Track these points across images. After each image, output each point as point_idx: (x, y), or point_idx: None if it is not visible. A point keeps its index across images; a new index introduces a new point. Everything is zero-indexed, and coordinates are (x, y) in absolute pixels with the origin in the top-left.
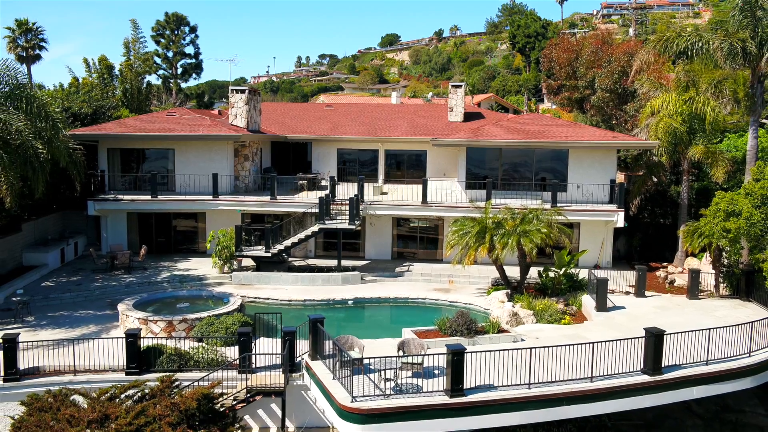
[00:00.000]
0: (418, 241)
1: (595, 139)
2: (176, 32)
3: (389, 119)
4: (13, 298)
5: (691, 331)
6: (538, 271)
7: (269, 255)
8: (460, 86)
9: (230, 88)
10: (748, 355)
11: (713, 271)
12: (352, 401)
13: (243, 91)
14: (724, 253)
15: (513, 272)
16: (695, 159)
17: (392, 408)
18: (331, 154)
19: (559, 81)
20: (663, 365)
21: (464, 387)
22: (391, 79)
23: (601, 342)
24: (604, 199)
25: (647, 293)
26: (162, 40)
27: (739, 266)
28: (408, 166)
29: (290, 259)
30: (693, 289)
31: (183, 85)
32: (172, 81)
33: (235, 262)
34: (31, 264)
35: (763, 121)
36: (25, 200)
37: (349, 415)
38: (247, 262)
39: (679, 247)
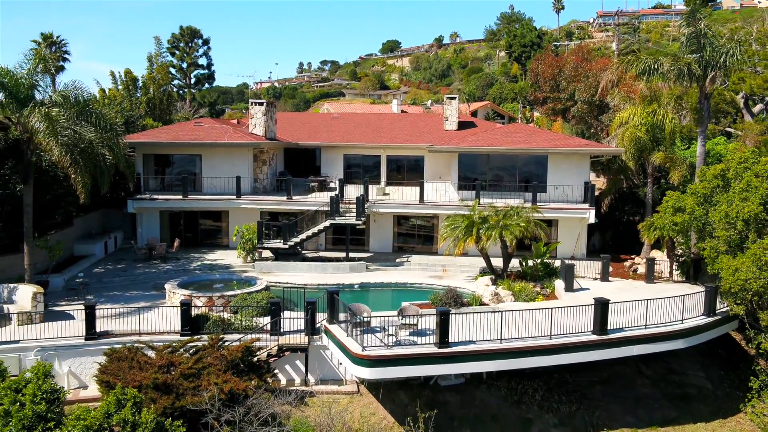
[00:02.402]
0: (416, 237)
1: (570, 147)
2: (190, 44)
3: (390, 128)
4: (76, 280)
5: (633, 301)
6: (519, 261)
7: (286, 247)
8: (455, 98)
9: (250, 101)
10: (680, 322)
11: (667, 260)
12: (362, 350)
13: (262, 104)
14: (676, 244)
15: (498, 262)
16: (657, 164)
17: (393, 356)
18: (338, 159)
19: (544, 93)
20: (609, 328)
21: (449, 341)
22: (392, 85)
23: (558, 308)
24: (579, 199)
25: (611, 279)
26: (177, 52)
27: (690, 255)
28: (407, 170)
29: (303, 251)
30: (649, 275)
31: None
32: (185, 90)
33: (256, 253)
34: (80, 254)
35: (728, 129)
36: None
37: (360, 360)
38: (266, 254)
39: (645, 240)
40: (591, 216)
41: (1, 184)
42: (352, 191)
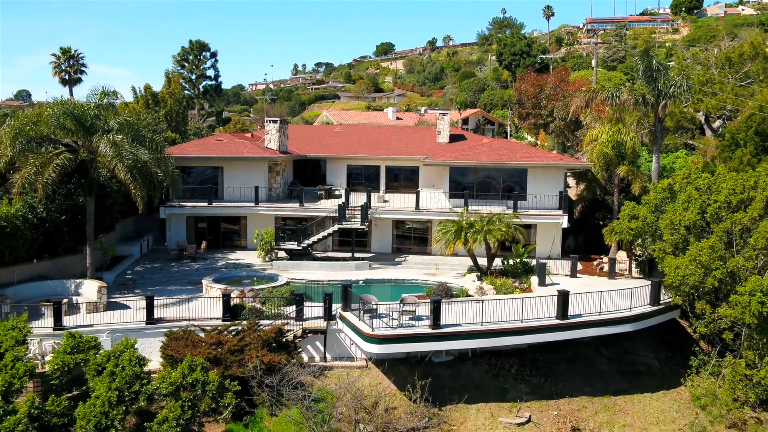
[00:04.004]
0: (412, 239)
1: (546, 161)
2: (199, 57)
3: (389, 140)
4: (126, 276)
5: (590, 292)
6: (501, 260)
7: (300, 248)
8: (447, 113)
9: (266, 119)
10: (629, 309)
11: (627, 260)
12: (372, 331)
13: (276, 122)
14: (634, 246)
15: (483, 262)
16: (621, 176)
17: (396, 335)
18: (342, 169)
19: (527, 109)
20: (569, 314)
21: (441, 324)
22: (386, 88)
23: (528, 298)
24: (555, 206)
25: (580, 275)
26: (186, 64)
27: (646, 255)
28: (404, 179)
29: (314, 252)
30: (611, 272)
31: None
32: (194, 100)
33: (273, 253)
34: (121, 254)
35: (689, 142)
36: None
37: (370, 339)
38: (281, 254)
39: (608, 242)
40: (564, 221)
41: (67, 196)
42: (355, 198)
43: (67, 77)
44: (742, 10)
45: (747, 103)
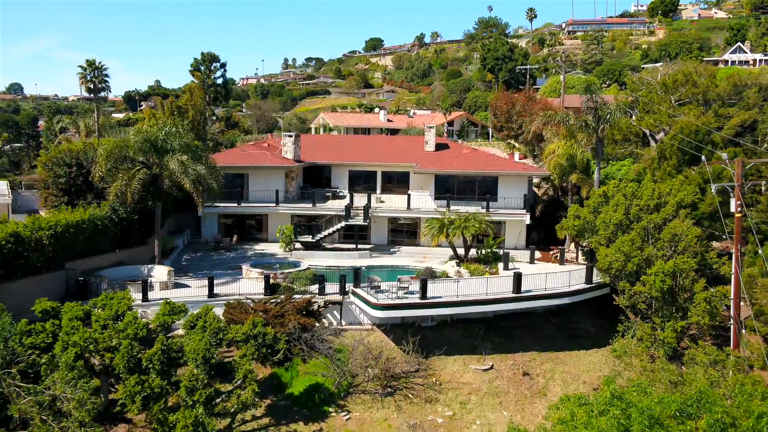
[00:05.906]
0: (404, 233)
1: (513, 170)
2: (210, 68)
3: (385, 148)
4: (182, 263)
5: (538, 273)
6: (476, 250)
7: (314, 241)
8: (433, 127)
9: (283, 134)
10: (568, 286)
11: (574, 249)
12: (377, 300)
13: (291, 136)
14: (579, 239)
15: (462, 251)
16: (574, 182)
17: (395, 303)
18: (345, 173)
19: (500, 123)
20: (522, 289)
21: (427, 296)
22: (376, 84)
23: (492, 277)
24: (520, 207)
25: (537, 262)
26: (198, 73)
27: (588, 246)
28: (397, 182)
29: (323, 244)
30: (561, 259)
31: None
32: (206, 107)
33: (292, 245)
34: (170, 246)
35: (635, 151)
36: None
37: (376, 307)
38: (297, 245)
39: (560, 237)
40: (527, 219)
41: (139, 201)
42: (356, 199)
43: (92, 86)
44: (715, 13)
45: (676, 122)
